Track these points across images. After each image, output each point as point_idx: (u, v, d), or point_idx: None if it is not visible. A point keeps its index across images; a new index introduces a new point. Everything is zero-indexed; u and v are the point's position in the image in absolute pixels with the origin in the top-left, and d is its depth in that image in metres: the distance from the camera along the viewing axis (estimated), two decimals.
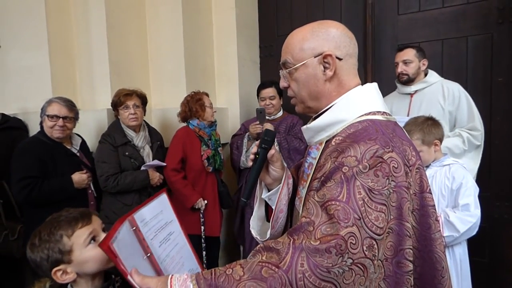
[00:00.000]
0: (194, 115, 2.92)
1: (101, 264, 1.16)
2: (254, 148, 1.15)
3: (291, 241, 0.83)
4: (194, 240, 2.85)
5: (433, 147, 2.13)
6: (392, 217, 0.85)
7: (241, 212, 3.24)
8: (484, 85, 3.00)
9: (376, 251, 0.81)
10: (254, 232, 1.28)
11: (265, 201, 1.27)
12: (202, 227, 2.89)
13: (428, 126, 2.13)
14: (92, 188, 2.63)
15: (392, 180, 0.85)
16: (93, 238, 1.18)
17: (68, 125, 2.51)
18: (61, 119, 2.47)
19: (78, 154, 2.64)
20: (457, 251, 2.13)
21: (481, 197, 2.09)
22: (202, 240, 2.90)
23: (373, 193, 0.83)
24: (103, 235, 1.20)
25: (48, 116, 2.45)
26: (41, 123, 2.53)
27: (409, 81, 2.73)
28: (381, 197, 0.83)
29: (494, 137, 2.99)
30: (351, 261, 0.79)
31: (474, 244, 2.32)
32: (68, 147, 2.58)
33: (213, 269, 0.86)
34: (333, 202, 0.84)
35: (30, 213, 2.48)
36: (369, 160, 0.86)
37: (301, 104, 1.10)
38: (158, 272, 1.09)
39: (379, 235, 0.82)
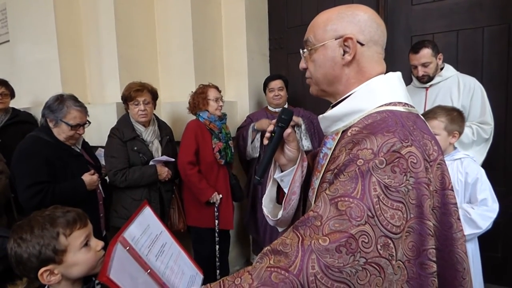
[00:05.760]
0: (198, 108, 2.90)
1: (89, 269, 1.16)
2: (270, 127, 1.11)
3: (299, 241, 0.80)
4: (208, 233, 2.89)
5: (451, 137, 2.09)
6: (412, 215, 0.80)
7: (251, 203, 3.25)
8: (500, 77, 2.93)
9: (393, 250, 0.77)
10: (265, 211, 1.26)
11: (277, 183, 1.24)
12: (217, 221, 2.88)
13: (456, 115, 2.11)
14: (100, 188, 2.54)
15: (411, 176, 0.81)
16: (87, 242, 1.17)
17: (83, 131, 2.41)
18: (82, 126, 2.37)
19: (82, 153, 2.50)
20: (469, 246, 2.09)
21: (495, 191, 2.05)
22: (216, 234, 2.90)
23: (390, 190, 0.79)
24: (94, 241, 1.20)
25: (68, 124, 2.27)
26: (45, 121, 2.35)
27: (430, 80, 2.70)
28: (398, 195, 0.79)
29: (510, 131, 2.93)
30: (364, 260, 0.75)
31: (487, 239, 2.27)
32: (72, 147, 2.42)
33: (221, 280, 0.83)
34: (346, 199, 0.80)
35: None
36: (386, 154, 0.81)
37: (315, 86, 1.07)
38: (162, 286, 1.07)
39: (395, 233, 0.78)
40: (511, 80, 2.90)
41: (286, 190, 1.16)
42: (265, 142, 1.12)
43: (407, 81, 2.93)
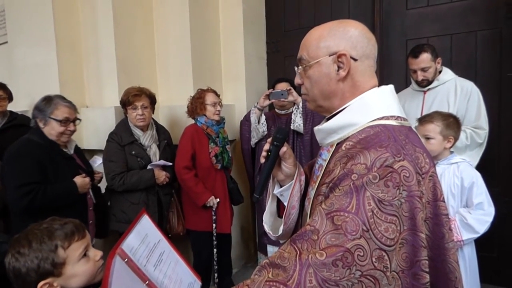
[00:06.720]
0: (196, 112, 2.93)
1: (88, 280, 1.16)
2: (266, 145, 1.15)
3: (297, 255, 0.82)
4: (206, 237, 2.91)
5: (446, 142, 2.13)
6: (405, 227, 0.83)
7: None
8: (493, 80, 2.98)
9: (388, 262, 0.80)
10: (266, 227, 1.28)
11: (277, 197, 1.27)
12: (214, 225, 2.91)
13: (452, 121, 2.14)
14: (91, 193, 2.50)
15: (404, 190, 0.83)
16: (85, 253, 1.17)
17: (74, 128, 2.37)
18: (72, 123, 2.34)
19: (74, 157, 2.46)
20: (465, 249, 2.13)
21: (490, 192, 2.09)
22: (214, 238, 2.93)
23: (383, 204, 0.81)
24: (93, 251, 1.20)
25: (56, 120, 2.26)
26: (35, 123, 2.31)
27: (429, 84, 2.72)
28: (392, 208, 0.81)
29: (503, 132, 2.98)
30: (359, 273, 0.77)
31: (483, 239, 2.31)
32: (65, 150, 2.39)
33: None
34: (341, 213, 0.82)
35: (21, 221, 2.11)
36: (379, 169, 0.84)
37: (312, 102, 1.09)
38: None
39: (389, 246, 0.80)
40: (504, 83, 2.95)
41: (286, 204, 1.19)
42: (262, 160, 1.15)
43: (403, 84, 2.99)
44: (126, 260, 1.06)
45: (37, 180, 2.16)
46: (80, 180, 2.31)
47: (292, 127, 3.07)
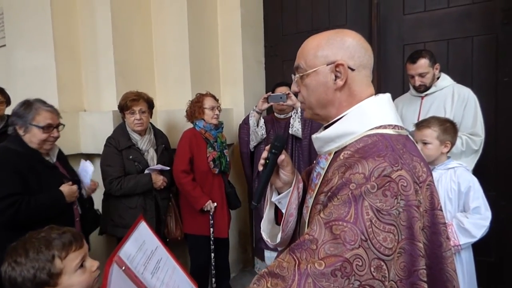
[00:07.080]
0: (194, 116, 2.94)
1: None
2: (264, 153, 1.15)
3: (296, 265, 0.82)
4: (203, 241, 2.91)
5: (443, 147, 2.14)
6: (403, 237, 0.83)
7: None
8: (489, 85, 3.00)
9: (386, 272, 0.80)
10: (264, 235, 1.28)
11: (275, 205, 1.27)
12: (211, 229, 2.91)
13: (449, 126, 2.16)
14: (77, 204, 2.32)
15: (402, 199, 0.84)
16: (82, 263, 1.16)
17: (57, 134, 2.21)
18: (55, 129, 2.17)
19: (57, 166, 2.28)
20: (463, 254, 2.14)
21: (487, 196, 2.10)
22: (211, 242, 2.93)
23: (381, 213, 0.82)
24: (89, 261, 1.19)
25: (38, 127, 2.08)
26: (14, 131, 2.13)
27: (427, 89, 2.73)
28: (390, 217, 0.82)
29: (500, 137, 2.99)
30: (358, 283, 0.78)
31: (481, 244, 2.32)
32: (47, 158, 2.21)
33: None
34: (340, 223, 0.82)
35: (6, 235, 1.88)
36: (377, 178, 0.84)
37: (309, 110, 1.10)
38: None
39: (387, 255, 0.80)
40: (500, 88, 2.97)
41: (284, 211, 1.19)
42: (260, 168, 1.15)
43: (400, 88, 3.00)
44: (123, 268, 1.07)
45: (20, 191, 1.99)
46: (67, 188, 2.16)
47: (290, 132, 3.08)
